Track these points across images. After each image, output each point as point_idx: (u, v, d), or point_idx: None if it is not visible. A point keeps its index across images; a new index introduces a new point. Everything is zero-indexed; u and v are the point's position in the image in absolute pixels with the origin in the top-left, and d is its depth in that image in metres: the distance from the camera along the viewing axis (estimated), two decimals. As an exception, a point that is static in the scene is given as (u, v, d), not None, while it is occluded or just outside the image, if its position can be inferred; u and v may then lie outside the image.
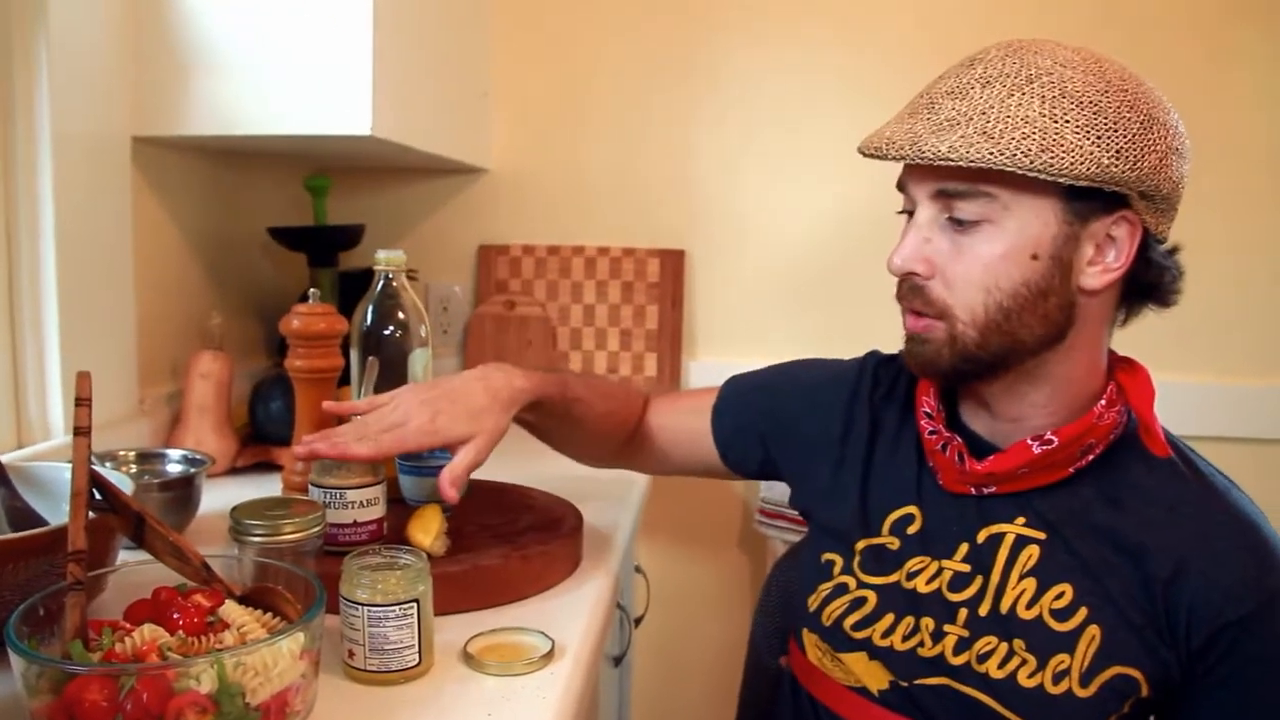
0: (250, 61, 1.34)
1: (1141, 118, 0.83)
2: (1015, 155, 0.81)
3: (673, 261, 1.95)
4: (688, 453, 1.19)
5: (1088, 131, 0.82)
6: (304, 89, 1.34)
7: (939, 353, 0.90)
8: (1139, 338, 0.97)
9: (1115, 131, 0.82)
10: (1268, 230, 1.83)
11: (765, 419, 1.13)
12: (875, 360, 1.10)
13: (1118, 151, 0.82)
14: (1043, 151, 0.81)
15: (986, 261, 0.86)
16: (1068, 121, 0.82)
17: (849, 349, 1.18)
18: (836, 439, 1.06)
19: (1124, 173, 0.82)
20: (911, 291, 0.91)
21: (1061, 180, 0.82)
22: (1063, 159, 0.81)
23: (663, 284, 1.95)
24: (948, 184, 0.87)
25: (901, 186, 0.93)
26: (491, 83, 1.97)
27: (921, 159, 0.84)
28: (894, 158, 0.86)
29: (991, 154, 0.81)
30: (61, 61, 1.21)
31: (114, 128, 1.34)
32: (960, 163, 0.82)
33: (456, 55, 1.78)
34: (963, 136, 0.83)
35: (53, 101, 1.20)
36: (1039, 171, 0.81)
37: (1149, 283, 0.90)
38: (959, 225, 0.87)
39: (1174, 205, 0.88)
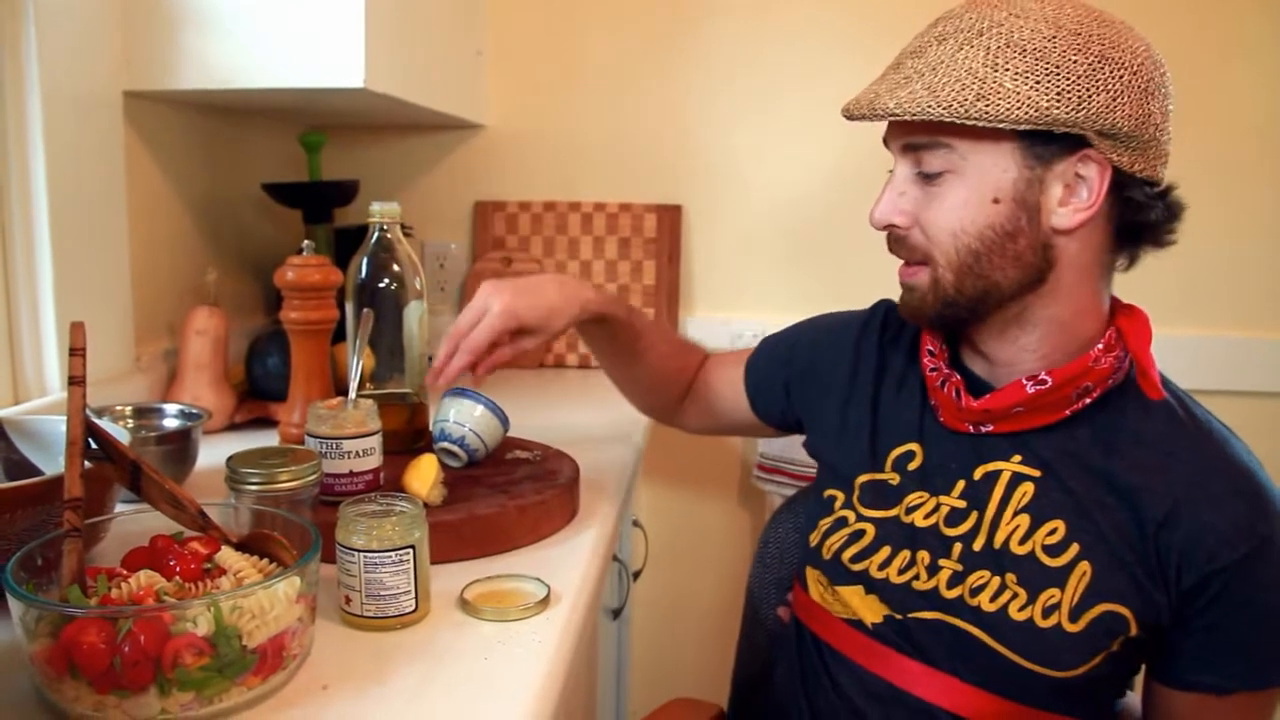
0: (242, 14, 1.33)
1: (1091, 59, 0.84)
2: (951, 106, 0.84)
3: (669, 217, 1.94)
4: (730, 405, 1.25)
5: (1026, 77, 0.84)
6: (297, 41, 1.33)
7: (924, 299, 0.94)
8: (1143, 290, 0.97)
9: (1057, 75, 0.84)
10: (1268, 186, 1.82)
11: (787, 366, 1.19)
12: (886, 306, 1.14)
13: (1059, 94, 0.84)
14: (978, 100, 0.84)
15: (950, 207, 0.90)
16: (1007, 69, 0.85)
17: (846, 303, 1.20)
18: (845, 377, 1.10)
19: (1069, 114, 0.84)
20: (896, 242, 0.96)
21: (1001, 126, 0.84)
22: (998, 105, 0.84)
23: (659, 239, 1.94)
24: (911, 138, 0.91)
25: (886, 143, 0.97)
26: (487, 38, 1.95)
27: (875, 116, 0.90)
28: (857, 117, 0.91)
29: (931, 107, 0.85)
30: (49, 14, 1.20)
31: (105, 83, 1.33)
32: (905, 117, 0.87)
33: (451, 10, 1.76)
34: (910, 93, 0.87)
35: (41, 56, 1.19)
36: (975, 119, 0.84)
37: (1136, 222, 0.91)
38: (927, 178, 0.91)
39: (1148, 143, 0.87)
